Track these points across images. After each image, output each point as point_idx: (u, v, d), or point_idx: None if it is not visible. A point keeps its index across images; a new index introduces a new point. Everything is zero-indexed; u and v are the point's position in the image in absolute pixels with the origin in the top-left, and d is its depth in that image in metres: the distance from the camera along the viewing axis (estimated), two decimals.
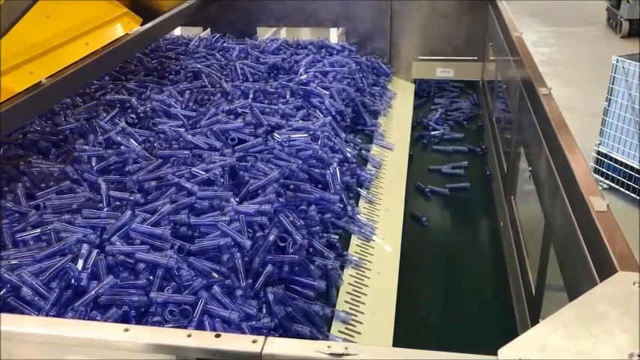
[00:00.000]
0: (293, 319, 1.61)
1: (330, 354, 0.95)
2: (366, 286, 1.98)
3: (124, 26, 2.67)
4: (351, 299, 1.89)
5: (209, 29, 4.06)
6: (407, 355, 0.98)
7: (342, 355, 0.95)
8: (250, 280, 1.65)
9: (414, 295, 2.26)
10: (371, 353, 0.97)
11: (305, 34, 4.47)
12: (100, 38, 2.48)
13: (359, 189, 2.43)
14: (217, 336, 1.02)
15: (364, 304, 1.90)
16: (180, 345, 1.01)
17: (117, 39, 2.57)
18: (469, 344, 2.05)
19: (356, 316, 1.83)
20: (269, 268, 1.68)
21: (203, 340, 1.02)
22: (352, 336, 1.75)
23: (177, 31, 3.87)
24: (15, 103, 1.89)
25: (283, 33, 4.46)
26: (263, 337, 1.00)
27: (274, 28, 4.11)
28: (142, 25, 2.78)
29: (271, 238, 1.74)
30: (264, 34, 4.08)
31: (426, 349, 0.96)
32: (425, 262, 2.54)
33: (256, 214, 1.82)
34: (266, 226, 1.80)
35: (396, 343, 1.83)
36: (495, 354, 0.91)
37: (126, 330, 1.04)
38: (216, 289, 1.57)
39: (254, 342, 0.99)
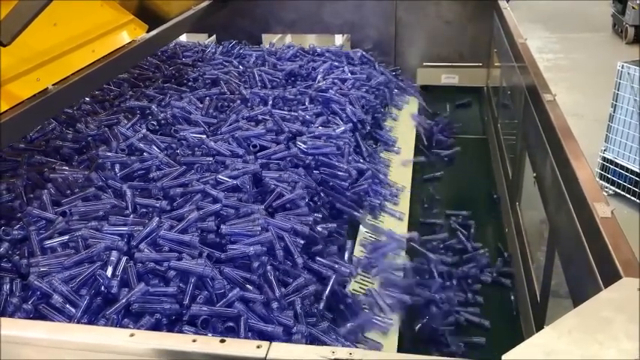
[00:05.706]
0: None
1: (334, 359, 0.95)
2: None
3: (130, 33, 2.68)
4: None
5: (214, 36, 4.07)
6: None
7: None
8: (283, 289, 1.65)
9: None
10: (375, 358, 0.98)
11: (310, 41, 4.47)
12: (106, 45, 2.49)
13: (372, 198, 2.43)
14: (222, 341, 1.02)
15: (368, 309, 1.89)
16: (186, 350, 1.02)
17: (123, 46, 2.58)
18: (474, 349, 2.05)
19: None
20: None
21: (208, 345, 1.02)
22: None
23: (183, 38, 3.89)
24: (22, 109, 1.90)
25: (287, 40, 4.47)
26: (267, 343, 1.00)
27: (279, 35, 4.12)
28: (148, 32, 2.80)
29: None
30: (269, 41, 4.08)
31: (431, 354, 0.96)
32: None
33: (291, 231, 1.82)
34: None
35: (401, 348, 1.83)
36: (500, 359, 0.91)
37: (132, 335, 1.05)
38: (253, 300, 1.57)
39: (258, 347, 1.00)
